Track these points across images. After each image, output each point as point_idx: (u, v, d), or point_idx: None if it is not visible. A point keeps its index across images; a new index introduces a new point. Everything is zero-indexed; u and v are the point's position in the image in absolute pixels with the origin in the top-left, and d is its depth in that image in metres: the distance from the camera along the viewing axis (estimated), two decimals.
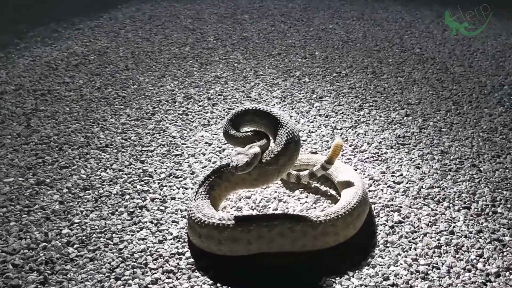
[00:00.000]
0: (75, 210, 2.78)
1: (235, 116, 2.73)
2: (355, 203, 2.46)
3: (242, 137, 2.65)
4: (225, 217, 2.38)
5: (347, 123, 3.48)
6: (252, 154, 2.41)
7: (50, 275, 2.36)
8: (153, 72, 4.41)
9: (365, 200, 2.52)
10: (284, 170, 2.59)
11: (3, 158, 3.28)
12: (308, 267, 2.31)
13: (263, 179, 2.58)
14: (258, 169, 2.50)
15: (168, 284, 2.28)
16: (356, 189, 2.57)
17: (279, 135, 2.59)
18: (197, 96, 3.95)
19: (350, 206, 2.44)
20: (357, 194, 2.52)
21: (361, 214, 2.47)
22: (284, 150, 2.53)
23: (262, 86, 4.06)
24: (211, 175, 2.64)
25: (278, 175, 2.59)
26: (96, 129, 3.57)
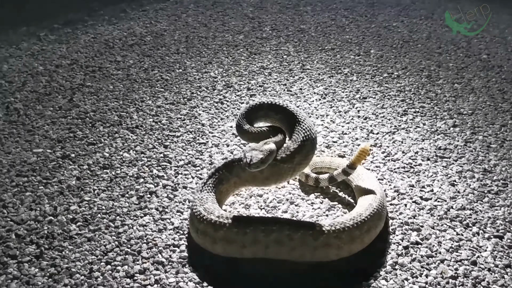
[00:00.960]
0: (89, 187, 2.72)
1: (249, 110, 2.55)
2: (367, 216, 2.20)
3: (257, 133, 2.46)
4: (224, 215, 2.20)
5: (385, 128, 3.17)
6: (267, 151, 2.21)
7: (47, 250, 2.31)
8: (201, 58, 4.30)
9: (380, 214, 2.25)
10: (298, 169, 2.39)
11: (40, 129, 3.30)
12: (302, 279, 2.10)
13: (276, 178, 2.38)
14: (271, 167, 2.30)
15: (154, 276, 2.16)
16: (372, 200, 2.30)
17: (296, 131, 2.39)
18: (237, 85, 3.79)
19: (360, 218, 2.18)
20: (371, 206, 2.25)
21: (371, 229, 2.20)
22: (301, 148, 2.33)
23: (305, 80, 3.82)
24: (222, 168, 2.47)
25: (292, 174, 2.39)
26: (132, 109, 3.51)
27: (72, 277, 2.18)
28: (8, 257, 2.29)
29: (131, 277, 2.17)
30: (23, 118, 3.43)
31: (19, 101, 3.66)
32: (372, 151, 2.93)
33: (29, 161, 2.98)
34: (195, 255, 2.26)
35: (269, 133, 2.43)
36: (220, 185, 2.43)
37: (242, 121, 2.49)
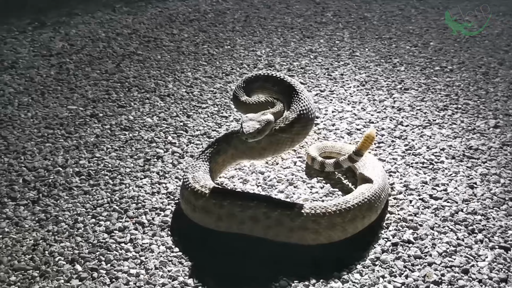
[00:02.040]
0: (103, 146, 2.76)
1: (245, 82, 2.44)
2: (354, 205, 2.01)
3: (254, 104, 2.35)
4: (208, 185, 2.13)
5: (417, 121, 2.90)
6: (264, 121, 2.10)
7: (44, 197, 2.37)
8: (253, 37, 4.21)
9: (371, 205, 2.05)
10: (297, 140, 2.30)
11: (81, 89, 3.41)
12: (273, 259, 1.97)
13: (274, 149, 2.28)
14: (269, 137, 2.20)
15: (131, 235, 2.13)
16: (366, 189, 2.10)
17: (294, 102, 2.29)
18: (278, 65, 3.66)
19: (344, 205, 2.00)
20: (362, 195, 2.06)
21: (357, 219, 2.01)
22: (299, 118, 2.24)
23: (350, 67, 3.61)
24: (221, 139, 2.39)
25: (290, 145, 2.29)
26: (169, 79, 3.52)
27: (57, 225, 2.21)
28: (9, 199, 2.37)
29: (110, 233, 2.16)
30: (70, 77, 3.56)
31: (73, 62, 3.80)
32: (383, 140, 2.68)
33: (61, 116, 3.08)
34: (176, 222, 2.20)
35: (267, 105, 2.31)
36: (217, 155, 2.34)
37: (239, 93, 2.39)
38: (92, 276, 1.93)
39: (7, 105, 3.24)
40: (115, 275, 1.93)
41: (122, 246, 2.07)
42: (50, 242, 2.11)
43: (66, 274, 1.94)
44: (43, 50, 4.05)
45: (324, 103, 3.11)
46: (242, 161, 2.43)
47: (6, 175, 2.54)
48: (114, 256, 2.02)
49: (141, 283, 1.89)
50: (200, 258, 1.99)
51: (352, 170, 2.42)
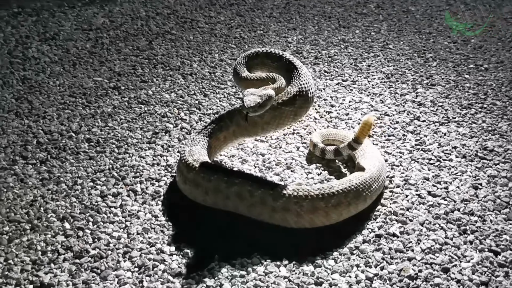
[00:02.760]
0: (118, 116, 2.87)
1: (246, 59, 2.49)
2: (338, 190, 1.99)
3: (255, 79, 2.37)
4: (200, 159, 2.18)
5: (436, 117, 2.81)
6: (265, 96, 2.13)
7: (52, 158, 2.51)
8: (288, 24, 4.21)
9: (359, 193, 2.02)
10: (300, 113, 2.33)
11: (110, 62, 3.56)
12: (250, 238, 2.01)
13: (277, 122, 2.31)
14: (272, 111, 2.24)
15: (123, 200, 2.23)
16: (355, 177, 2.08)
17: (295, 76, 2.35)
18: (306, 53, 3.65)
19: (329, 190, 1.99)
20: (349, 182, 2.04)
21: (341, 205, 2.00)
22: (301, 91, 2.28)
23: (379, 59, 3.54)
24: (224, 116, 2.43)
25: (293, 119, 2.33)
26: (195, 59, 3.60)
27: (57, 185, 2.33)
28: (21, 157, 2.53)
29: (103, 197, 2.25)
30: (103, 51, 3.71)
31: (109, 38, 3.96)
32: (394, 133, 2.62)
33: (85, 86, 3.23)
34: (169, 193, 2.27)
35: (268, 81, 2.34)
36: (218, 132, 2.38)
37: (240, 69, 2.42)
38: (78, 234, 2.03)
39: (40, 72, 3.42)
40: (98, 236, 2.02)
41: (112, 210, 2.16)
42: (47, 200, 2.23)
43: (54, 230, 2.05)
44: (85, 24, 4.23)
45: (342, 92, 3.07)
46: (244, 138, 2.45)
47: (23, 136, 2.70)
48: (101, 218, 2.11)
49: (120, 245, 1.97)
50: (182, 229, 2.05)
51: (353, 159, 2.38)
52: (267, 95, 2.14)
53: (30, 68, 3.48)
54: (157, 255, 1.92)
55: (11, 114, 2.92)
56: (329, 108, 2.91)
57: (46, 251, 1.95)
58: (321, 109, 2.90)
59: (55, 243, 1.99)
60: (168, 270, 1.85)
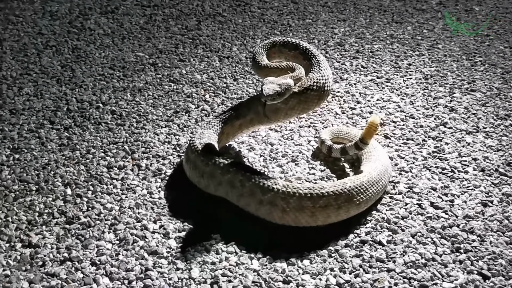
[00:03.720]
0: (146, 92, 2.94)
1: (265, 47, 2.50)
2: (328, 192, 1.91)
3: (274, 67, 2.34)
4: (205, 143, 2.17)
5: (464, 125, 2.61)
6: (284, 85, 2.09)
7: (75, 126, 2.62)
8: (340, 15, 4.07)
9: (351, 197, 1.93)
10: (323, 97, 2.32)
11: (156, 39, 3.63)
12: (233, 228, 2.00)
13: (302, 107, 2.28)
14: (298, 96, 2.22)
15: (125, 174, 2.30)
16: (350, 180, 1.98)
17: (315, 64, 2.38)
18: (349, 46, 3.51)
19: (318, 190, 1.91)
20: (342, 185, 1.95)
21: (329, 207, 1.92)
22: (323, 75, 2.30)
23: (423, 58, 3.33)
24: (243, 104, 2.40)
25: (317, 103, 2.31)
26: (237, 42, 3.58)
27: (72, 152, 2.43)
28: (48, 122, 2.65)
29: (109, 168, 2.32)
30: (153, 28, 3.79)
31: (162, 15, 4.03)
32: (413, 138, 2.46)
33: (126, 60, 3.31)
34: (171, 172, 2.28)
35: (287, 70, 2.32)
36: (235, 119, 2.36)
37: (259, 57, 2.38)
38: (75, 201, 2.10)
39: (90, 43, 3.55)
40: (93, 205, 2.08)
41: (112, 182, 2.21)
42: (59, 165, 2.32)
43: (56, 194, 2.14)
44: (144, 1, 4.31)
45: (373, 89, 2.93)
46: (262, 125, 2.41)
47: (57, 102, 2.82)
48: (101, 188, 2.17)
49: (110, 217, 2.02)
50: (172, 208, 2.07)
51: (359, 160, 2.27)
52: (286, 84, 2.10)
53: (84, 38, 3.61)
54: (140, 230, 1.94)
55: (53, 80, 3.06)
56: (354, 104, 2.79)
57: (43, 213, 2.04)
58: (346, 104, 2.78)
59: (53, 206, 2.07)
60: (145, 247, 1.86)
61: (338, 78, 3.07)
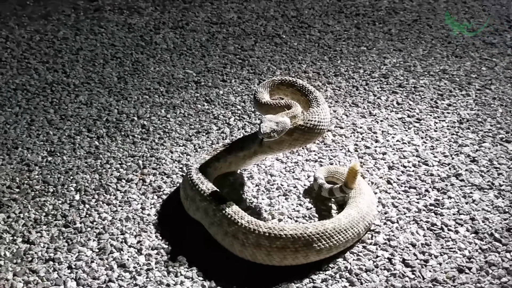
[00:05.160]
0: (179, 110, 3.15)
1: (267, 85, 2.61)
2: (286, 234, 1.96)
3: (274, 105, 2.44)
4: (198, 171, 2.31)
5: (479, 180, 2.45)
6: (282, 123, 2.19)
7: (106, 136, 2.89)
8: (399, 43, 3.97)
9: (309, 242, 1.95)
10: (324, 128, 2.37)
11: (210, 57, 3.85)
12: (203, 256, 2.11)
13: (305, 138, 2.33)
14: (301, 129, 2.29)
15: (129, 187, 2.50)
16: (313, 225, 2.01)
17: (312, 99, 2.48)
18: (393, 78, 3.43)
19: (277, 231, 1.97)
20: (303, 229, 1.98)
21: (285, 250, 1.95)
22: (323, 109, 2.41)
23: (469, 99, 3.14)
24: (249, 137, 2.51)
25: (319, 134, 2.36)
26: (282, 66, 3.67)
27: (95, 160, 2.70)
28: (86, 130, 2.98)
29: (119, 179, 2.58)
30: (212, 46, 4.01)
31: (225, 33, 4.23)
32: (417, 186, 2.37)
33: (175, 76, 3.56)
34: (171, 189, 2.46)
35: (285, 107, 2.38)
36: (240, 151, 2.45)
37: (260, 95, 2.48)
38: (79, 207, 2.35)
39: (150, 57, 3.86)
40: (91, 212, 2.33)
41: (116, 193, 2.44)
42: (79, 171, 2.60)
43: (66, 198, 2.41)
44: (214, 18, 4.55)
45: (397, 128, 2.85)
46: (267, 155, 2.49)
47: (101, 111, 3.14)
48: (104, 198, 2.41)
49: (100, 226, 2.24)
50: (156, 226, 2.24)
51: None
52: (283, 123, 2.18)
53: (147, 52, 3.93)
54: (120, 243, 2.13)
55: (106, 90, 3.39)
56: (371, 143, 2.75)
57: (49, 213, 2.32)
58: (362, 142, 2.75)
59: (59, 209, 2.34)
60: (117, 259, 2.05)
61: (368, 113, 3.02)
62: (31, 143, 2.80)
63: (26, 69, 3.68)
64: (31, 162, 2.64)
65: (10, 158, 2.69)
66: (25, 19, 4.52)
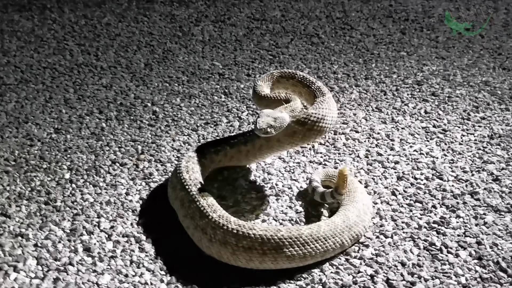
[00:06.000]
0: (194, 100, 3.04)
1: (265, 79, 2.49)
2: (254, 234, 1.78)
3: (273, 99, 2.31)
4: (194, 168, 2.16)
5: (497, 201, 2.14)
6: (280, 119, 2.05)
7: (115, 118, 2.84)
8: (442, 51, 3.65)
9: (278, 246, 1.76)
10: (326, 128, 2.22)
11: (240, 52, 3.73)
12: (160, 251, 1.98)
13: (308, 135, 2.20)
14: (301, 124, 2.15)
15: (121, 171, 2.42)
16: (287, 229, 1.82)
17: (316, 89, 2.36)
18: (427, 86, 3.14)
19: (246, 229, 1.80)
20: (275, 232, 1.79)
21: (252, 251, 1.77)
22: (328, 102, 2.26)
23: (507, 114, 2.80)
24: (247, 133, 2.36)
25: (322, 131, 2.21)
26: (312, 66, 3.49)
27: (96, 141, 2.65)
28: (98, 111, 2.92)
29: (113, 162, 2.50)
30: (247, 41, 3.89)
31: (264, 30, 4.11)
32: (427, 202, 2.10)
33: (201, 67, 3.48)
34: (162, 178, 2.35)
35: (284, 101, 2.25)
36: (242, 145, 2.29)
37: (259, 88, 2.34)
38: (65, 186, 2.29)
39: (182, 47, 3.81)
40: (75, 192, 2.26)
41: (105, 176, 2.36)
42: (77, 151, 2.56)
43: (56, 176, 2.37)
44: (258, 14, 4.43)
45: (418, 138, 2.58)
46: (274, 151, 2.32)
47: (118, 95, 3.10)
48: (92, 179, 2.33)
49: (79, 207, 2.16)
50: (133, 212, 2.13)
51: None
52: (281, 118, 2.05)
53: (181, 42, 3.87)
54: (92, 226, 2.04)
55: (129, 75, 3.35)
56: (384, 150, 2.49)
57: (34, 189, 2.27)
58: (376, 148, 2.50)
59: (46, 185, 2.29)
60: (84, 242, 1.96)
61: (390, 119, 2.76)
62: (42, 119, 2.79)
63: (62, 50, 3.72)
64: (35, 137, 2.62)
65: (17, 132, 2.68)
66: (80, 5, 4.60)
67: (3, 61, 3.55)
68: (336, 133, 2.63)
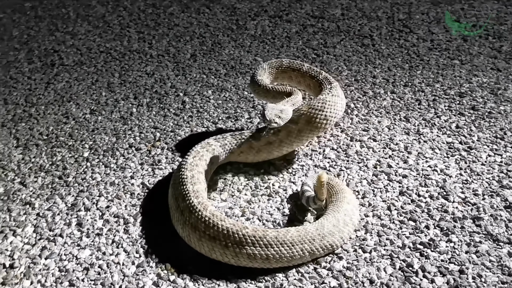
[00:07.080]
0: (223, 93, 3.12)
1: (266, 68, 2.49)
2: (222, 226, 1.82)
3: (273, 90, 2.33)
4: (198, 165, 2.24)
5: (507, 214, 2.01)
6: (285, 111, 2.11)
7: (145, 105, 3.00)
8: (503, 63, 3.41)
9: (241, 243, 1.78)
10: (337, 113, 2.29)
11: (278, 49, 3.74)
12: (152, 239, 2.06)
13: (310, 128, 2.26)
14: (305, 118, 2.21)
15: (134, 156, 2.56)
16: (254, 229, 1.84)
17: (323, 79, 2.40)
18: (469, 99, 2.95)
19: (215, 219, 1.85)
20: (243, 229, 1.83)
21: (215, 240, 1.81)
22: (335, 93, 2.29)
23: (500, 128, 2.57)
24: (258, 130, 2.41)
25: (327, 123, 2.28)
26: (342, 66, 3.41)
27: (123, 125, 2.82)
28: (133, 96, 3.10)
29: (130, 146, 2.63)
30: (297, 37, 3.88)
31: (317, 28, 4.07)
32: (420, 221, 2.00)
33: (243, 62, 3.54)
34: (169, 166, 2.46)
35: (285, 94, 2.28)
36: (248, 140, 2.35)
37: (258, 78, 2.33)
38: (80, 163, 2.48)
39: (231, 41, 3.88)
40: (86, 171, 2.42)
41: (119, 158, 2.51)
42: (102, 132, 2.74)
43: (77, 154, 2.56)
44: (317, 12, 4.39)
45: (437, 154, 2.44)
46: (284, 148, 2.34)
47: (157, 82, 3.25)
48: (106, 160, 2.50)
49: (85, 184, 2.33)
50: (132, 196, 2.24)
51: None
52: (286, 111, 2.10)
53: (232, 35, 3.96)
54: (91, 203, 2.21)
55: (172, 64, 3.51)
56: (397, 163, 2.40)
57: (54, 163, 2.48)
58: (388, 160, 2.42)
59: (64, 162, 2.49)
60: (79, 218, 2.11)
61: (414, 131, 2.64)
62: (83, 100, 3.01)
63: (122, 36, 3.95)
64: (71, 116, 2.83)
65: (58, 109, 2.91)
66: None
67: (68, 43, 3.85)
68: (353, 140, 2.56)
